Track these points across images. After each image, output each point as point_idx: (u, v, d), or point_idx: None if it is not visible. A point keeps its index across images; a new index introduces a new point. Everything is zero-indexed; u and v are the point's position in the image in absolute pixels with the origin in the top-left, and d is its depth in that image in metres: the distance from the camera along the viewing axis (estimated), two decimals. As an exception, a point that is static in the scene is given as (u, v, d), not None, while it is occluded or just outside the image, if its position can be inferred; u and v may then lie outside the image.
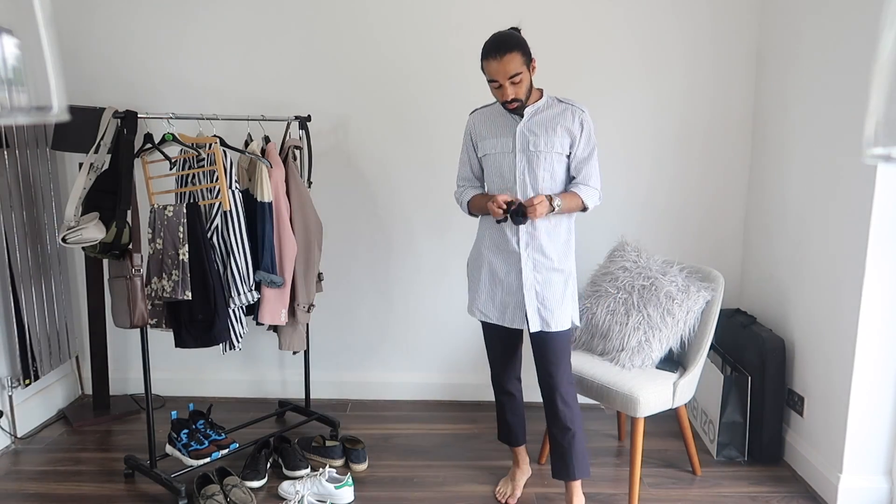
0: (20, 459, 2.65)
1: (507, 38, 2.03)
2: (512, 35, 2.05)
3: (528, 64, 2.05)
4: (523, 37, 2.07)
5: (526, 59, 2.04)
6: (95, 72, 3.03)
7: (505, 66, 2.01)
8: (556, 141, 2.12)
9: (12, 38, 0.55)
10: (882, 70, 0.57)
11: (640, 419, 2.28)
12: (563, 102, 2.16)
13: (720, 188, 3.10)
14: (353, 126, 3.08)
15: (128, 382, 3.28)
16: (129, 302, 2.24)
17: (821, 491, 2.43)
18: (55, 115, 0.58)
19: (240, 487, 2.32)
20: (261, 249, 2.50)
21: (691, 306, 2.40)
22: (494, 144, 2.19)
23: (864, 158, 0.61)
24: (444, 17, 2.99)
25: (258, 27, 3.00)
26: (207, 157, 2.39)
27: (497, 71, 2.02)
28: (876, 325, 2.23)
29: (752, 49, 2.99)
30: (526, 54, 2.04)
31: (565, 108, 2.15)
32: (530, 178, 2.13)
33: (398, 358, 3.28)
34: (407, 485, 2.50)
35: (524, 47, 2.04)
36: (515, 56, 2.00)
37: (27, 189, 2.81)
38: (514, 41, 2.02)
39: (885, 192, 2.14)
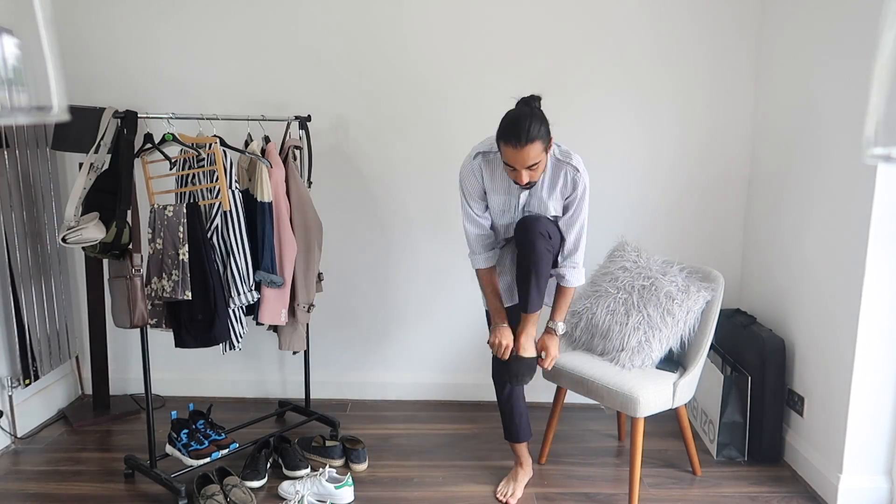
0: (20, 459, 2.65)
1: (529, 126, 1.90)
2: (534, 119, 1.92)
3: (546, 149, 1.97)
4: (543, 114, 1.97)
5: (545, 144, 1.95)
6: (95, 72, 3.03)
7: (524, 156, 1.92)
8: (551, 204, 2.16)
9: (12, 38, 0.55)
10: (882, 70, 0.57)
11: (640, 419, 2.28)
12: (560, 161, 2.11)
13: (720, 188, 3.10)
14: (353, 126, 3.08)
15: (128, 382, 3.28)
16: (129, 302, 2.24)
17: (821, 491, 2.43)
18: (55, 115, 0.58)
19: (240, 487, 2.32)
20: (261, 249, 2.50)
21: (691, 306, 2.40)
22: (498, 201, 2.19)
23: (864, 158, 0.61)
24: (444, 17, 2.99)
25: (258, 27, 3.00)
26: (207, 157, 2.39)
27: (515, 159, 1.94)
28: (876, 325, 2.23)
29: (752, 49, 2.99)
30: (546, 140, 1.95)
31: (565, 170, 2.11)
32: None
33: (398, 358, 3.28)
34: (407, 485, 2.50)
35: (545, 133, 1.94)
36: (536, 145, 1.91)
37: (27, 189, 2.81)
38: (535, 129, 1.91)
39: (885, 192, 2.14)
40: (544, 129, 1.95)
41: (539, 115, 1.96)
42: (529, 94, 2.04)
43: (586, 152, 3.06)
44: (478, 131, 3.05)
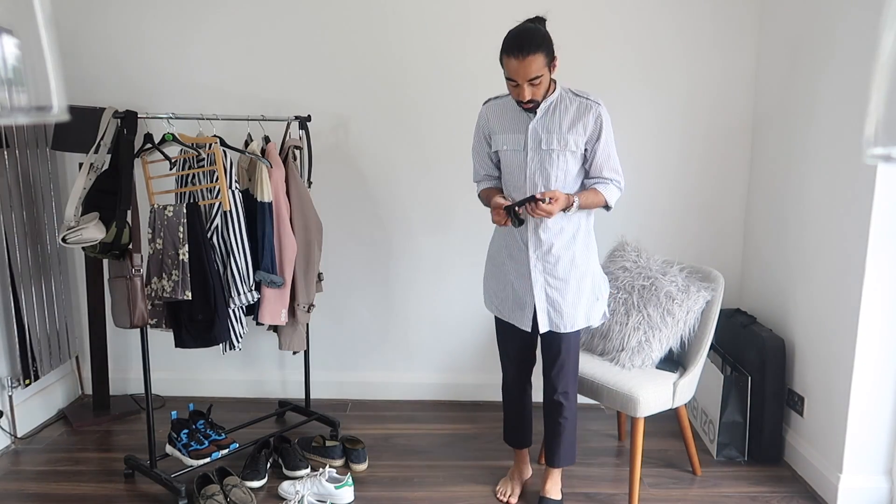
0: (20, 459, 2.65)
1: (532, 37, 1.90)
2: (537, 32, 1.92)
3: (549, 64, 1.94)
4: (547, 32, 1.95)
5: (548, 59, 1.93)
6: (95, 72, 3.03)
7: (526, 68, 1.90)
8: (570, 139, 2.05)
9: (12, 38, 0.55)
10: (882, 70, 0.57)
11: (640, 419, 2.28)
12: (579, 96, 2.07)
13: (720, 188, 3.10)
14: (353, 126, 3.08)
15: (128, 382, 3.28)
16: (129, 302, 2.24)
17: (821, 491, 2.43)
18: (55, 115, 0.58)
19: (240, 487, 2.32)
20: (261, 249, 2.50)
21: (691, 306, 2.40)
22: (507, 140, 2.12)
23: (864, 158, 0.61)
24: (444, 16, 2.99)
25: (258, 27, 3.00)
26: (207, 157, 2.39)
27: (517, 71, 1.92)
28: (876, 325, 2.23)
29: (752, 49, 2.99)
30: (549, 54, 1.93)
31: (580, 103, 2.05)
32: (542, 178, 2.08)
33: (398, 358, 3.28)
34: (407, 485, 2.50)
35: (548, 47, 1.92)
36: (538, 57, 1.89)
37: (27, 189, 2.81)
38: (538, 40, 1.90)
39: (885, 192, 2.14)
40: (548, 39, 1.93)
41: (542, 31, 1.94)
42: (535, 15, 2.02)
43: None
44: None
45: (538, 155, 2.08)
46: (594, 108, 2.05)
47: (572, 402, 2.24)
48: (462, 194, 3.12)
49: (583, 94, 2.08)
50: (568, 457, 2.32)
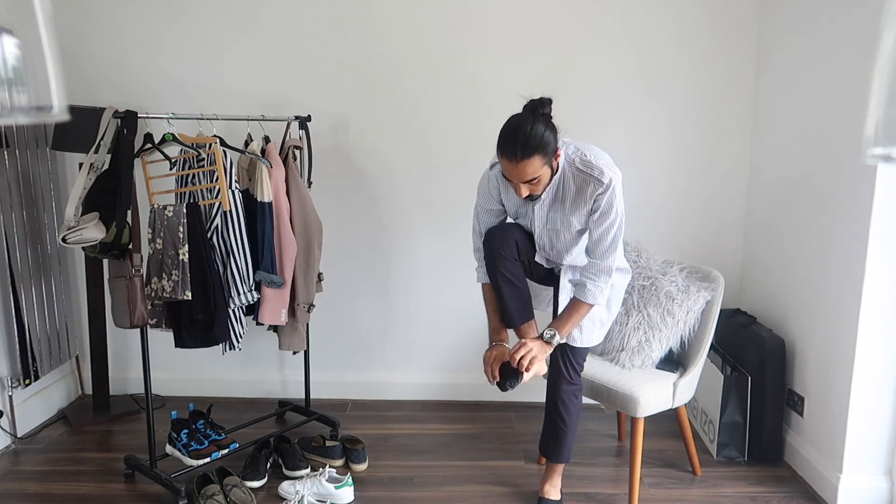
0: (20, 459, 2.65)
1: (528, 139, 1.73)
2: (535, 132, 1.74)
3: (550, 162, 1.80)
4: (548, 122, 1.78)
5: (547, 158, 1.77)
6: (95, 72, 3.03)
7: (521, 171, 1.77)
8: (573, 220, 1.95)
9: (12, 38, 0.55)
10: (882, 70, 0.57)
11: (640, 419, 2.28)
12: (582, 172, 1.89)
13: (720, 188, 3.10)
14: (353, 126, 3.08)
15: (128, 382, 3.28)
16: (129, 302, 2.24)
17: (821, 491, 2.43)
18: (55, 115, 0.58)
19: (240, 487, 2.32)
20: (261, 249, 2.50)
21: (691, 306, 2.40)
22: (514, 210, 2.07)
23: (864, 158, 0.61)
24: (444, 16, 2.99)
25: (258, 27, 3.00)
26: (207, 157, 2.39)
27: (511, 173, 1.80)
28: (876, 325, 2.23)
29: (752, 49, 2.99)
30: (548, 153, 1.77)
31: (583, 180, 1.89)
32: (551, 248, 2.08)
33: (398, 358, 3.28)
34: (407, 485, 2.50)
35: (545, 147, 1.75)
36: (534, 160, 1.74)
37: (27, 189, 2.81)
38: (534, 142, 1.73)
39: (885, 192, 2.14)
40: (547, 140, 1.76)
41: (541, 126, 1.76)
42: (539, 97, 1.83)
43: (586, 152, 3.06)
44: (478, 130, 3.06)
45: (545, 231, 2.05)
46: (594, 184, 1.88)
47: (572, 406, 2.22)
48: (462, 194, 3.12)
49: (588, 168, 1.89)
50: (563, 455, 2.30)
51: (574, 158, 1.92)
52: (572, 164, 1.91)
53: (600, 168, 1.88)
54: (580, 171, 1.89)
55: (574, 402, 2.23)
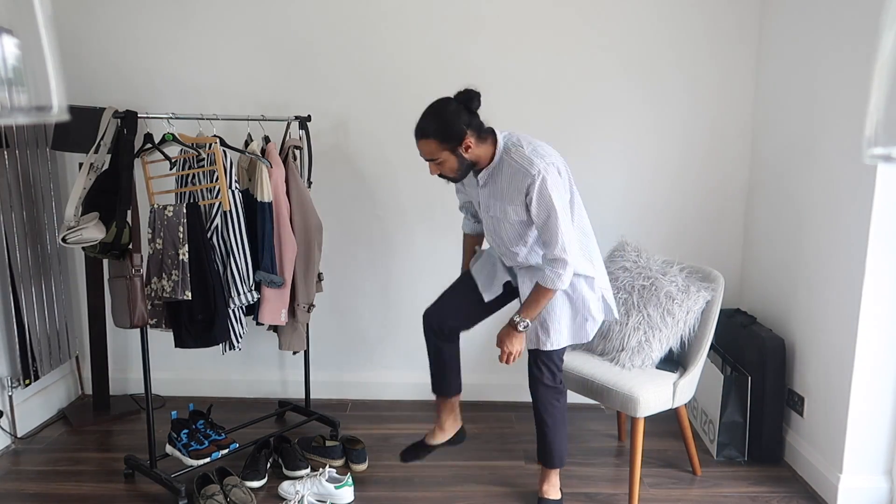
0: (20, 459, 2.65)
1: (427, 123, 1.94)
2: (437, 118, 1.93)
3: (453, 148, 1.94)
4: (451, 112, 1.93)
5: (449, 144, 1.93)
6: (95, 72, 3.03)
7: (421, 149, 1.98)
8: (509, 209, 2.02)
9: (12, 38, 0.55)
10: (882, 70, 0.57)
11: (640, 419, 2.28)
12: (516, 163, 1.97)
13: (720, 188, 3.10)
14: (353, 126, 3.08)
15: (128, 382, 3.28)
16: (129, 302, 2.24)
17: (821, 491, 2.43)
18: (55, 115, 0.58)
19: (240, 487, 2.32)
20: (261, 249, 2.50)
21: (691, 306, 2.40)
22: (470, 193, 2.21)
23: (864, 158, 0.61)
24: (444, 16, 2.99)
25: (258, 27, 3.00)
26: (207, 157, 2.39)
27: (418, 150, 2.00)
28: (876, 325, 2.23)
29: (752, 49, 2.99)
30: (449, 140, 1.92)
31: (515, 171, 1.97)
32: (497, 239, 2.17)
33: (398, 358, 3.28)
34: (407, 485, 2.50)
35: (446, 133, 1.92)
36: (429, 143, 1.94)
37: (27, 189, 2.81)
38: (431, 127, 1.92)
39: (885, 192, 2.14)
40: (446, 127, 1.92)
41: (449, 113, 1.93)
42: (468, 89, 1.98)
43: (586, 153, 3.06)
44: (478, 131, 3.05)
45: (488, 218, 2.14)
46: (523, 175, 1.95)
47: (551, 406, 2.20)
48: (462, 194, 3.12)
49: (519, 160, 1.97)
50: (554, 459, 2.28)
51: (511, 149, 2.01)
52: (508, 154, 2.00)
53: (530, 159, 1.95)
54: (513, 161, 1.98)
55: (556, 405, 2.21)
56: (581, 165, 3.07)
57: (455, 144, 1.94)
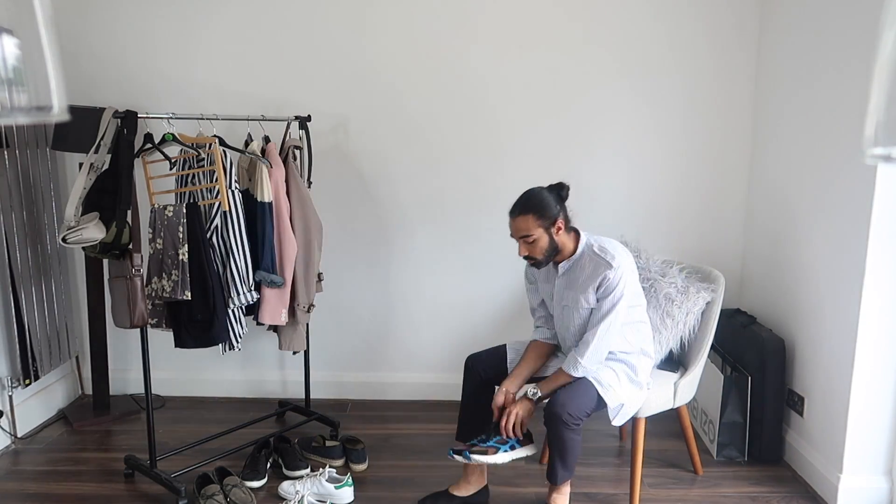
0: (20, 459, 2.65)
1: (528, 200, 2.08)
2: (535, 197, 2.08)
3: (545, 226, 2.07)
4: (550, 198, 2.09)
5: (543, 221, 2.06)
6: (95, 72, 3.03)
7: (516, 225, 2.09)
8: (581, 298, 2.14)
9: (12, 38, 0.55)
10: (882, 70, 0.57)
11: (640, 419, 2.28)
12: (598, 256, 2.13)
13: (720, 188, 3.10)
14: (353, 126, 3.08)
15: (128, 382, 3.28)
16: (129, 302, 2.24)
17: (821, 491, 2.43)
18: (55, 115, 0.58)
19: (240, 487, 2.32)
20: (261, 249, 2.50)
21: (690, 308, 2.40)
22: (543, 289, 2.31)
23: (864, 158, 0.61)
24: (444, 17, 2.99)
25: (258, 27, 3.00)
26: (207, 157, 2.39)
27: (511, 227, 2.11)
28: (876, 325, 2.23)
29: (752, 49, 2.99)
30: (544, 217, 2.06)
31: (598, 264, 2.12)
32: (565, 331, 2.25)
33: (398, 358, 3.28)
34: (407, 485, 2.50)
35: (543, 210, 2.06)
36: (528, 219, 2.06)
37: (27, 189, 2.81)
38: (532, 204, 2.07)
39: (885, 192, 2.14)
40: (544, 205, 2.07)
41: (546, 195, 2.09)
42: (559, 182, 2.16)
43: (586, 153, 3.06)
44: (478, 129, 3.06)
45: (561, 309, 2.24)
46: (604, 266, 2.10)
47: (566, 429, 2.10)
48: (462, 194, 3.12)
49: (603, 252, 2.13)
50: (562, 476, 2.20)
51: (593, 244, 2.17)
52: (590, 249, 2.16)
53: (612, 254, 2.12)
54: (595, 254, 2.14)
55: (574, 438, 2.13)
56: (581, 166, 3.07)
57: (549, 224, 2.08)
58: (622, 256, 2.12)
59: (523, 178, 3.08)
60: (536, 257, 2.12)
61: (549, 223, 2.08)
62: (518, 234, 2.09)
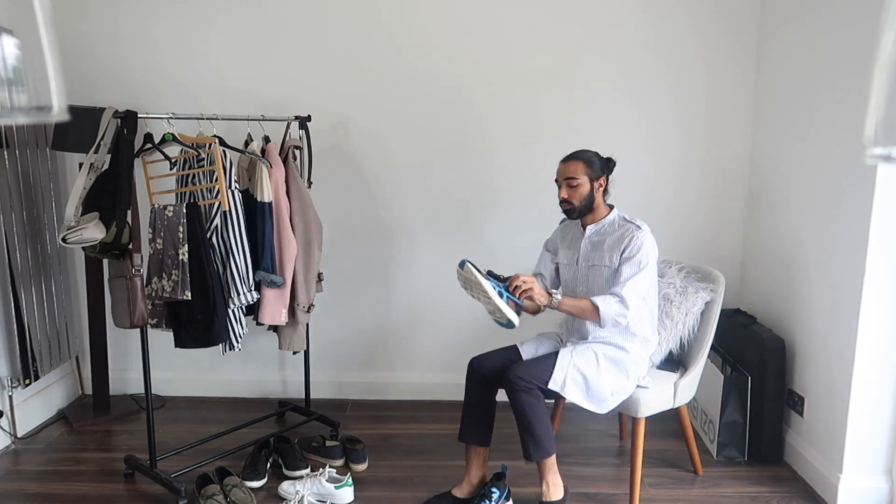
0: (20, 459, 2.65)
1: (583, 151, 2.28)
2: (589, 151, 2.28)
3: (591, 177, 2.25)
4: (603, 159, 2.28)
5: (590, 171, 2.24)
6: (95, 72, 3.03)
7: (566, 168, 2.26)
8: (607, 256, 2.24)
9: (12, 38, 0.55)
10: (882, 70, 0.57)
11: (640, 419, 2.28)
12: (627, 222, 2.26)
13: (720, 188, 3.10)
14: (353, 126, 3.08)
15: (128, 382, 3.28)
16: (129, 302, 2.24)
17: (821, 491, 2.43)
18: (55, 115, 0.58)
19: (240, 487, 2.32)
20: (261, 249, 2.50)
21: (689, 308, 2.40)
22: (565, 255, 2.38)
23: (864, 158, 0.61)
24: (444, 17, 2.99)
25: (258, 27, 3.00)
26: (207, 157, 2.39)
27: (560, 170, 2.28)
28: (876, 325, 2.23)
29: (752, 49, 2.99)
30: (592, 168, 2.25)
31: (626, 230, 2.23)
32: (586, 288, 2.29)
33: (398, 358, 3.28)
34: (407, 485, 2.50)
35: (593, 163, 2.25)
36: (578, 164, 2.24)
37: (27, 189, 2.81)
38: (586, 155, 2.27)
39: (885, 192, 2.14)
40: (594, 160, 2.26)
41: (596, 154, 2.29)
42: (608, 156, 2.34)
43: (586, 152, 3.06)
44: (478, 129, 3.06)
45: (586, 267, 2.30)
46: (632, 231, 2.21)
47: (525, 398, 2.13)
48: (462, 194, 3.12)
49: (633, 219, 2.27)
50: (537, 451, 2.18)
51: (623, 215, 2.31)
52: (621, 217, 2.31)
53: (640, 225, 2.26)
54: (625, 220, 2.28)
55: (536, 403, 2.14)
56: (581, 165, 3.07)
57: (596, 175, 2.26)
58: (649, 230, 2.24)
59: (523, 178, 3.10)
60: (573, 202, 2.25)
61: (595, 176, 2.25)
62: (565, 175, 2.25)
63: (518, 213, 3.12)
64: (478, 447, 2.36)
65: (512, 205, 3.12)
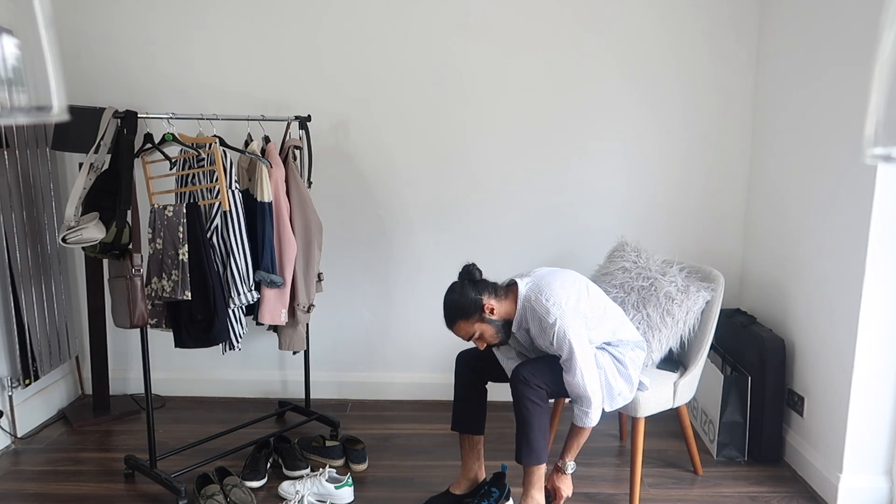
0: (20, 459, 2.65)
1: (449, 310, 2.09)
2: (453, 304, 2.08)
3: (478, 318, 2.08)
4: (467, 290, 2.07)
5: (475, 316, 2.07)
6: (95, 72, 3.03)
7: (457, 333, 2.12)
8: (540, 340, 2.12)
9: (12, 38, 0.55)
10: (882, 70, 0.57)
11: (640, 419, 2.28)
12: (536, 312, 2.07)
13: (720, 188, 3.10)
14: (353, 126, 3.08)
15: (128, 382, 3.28)
16: (129, 302, 2.24)
17: (821, 491, 2.43)
18: (55, 115, 0.58)
19: (240, 487, 2.32)
20: (261, 249, 2.50)
21: (691, 306, 2.40)
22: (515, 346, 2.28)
23: (864, 158, 0.61)
24: (444, 17, 2.99)
25: (258, 27, 3.00)
26: (207, 157, 2.39)
27: (457, 335, 2.13)
28: (876, 325, 2.23)
29: (752, 49, 2.99)
30: (472, 314, 2.07)
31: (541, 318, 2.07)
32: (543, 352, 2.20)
33: (398, 358, 3.28)
34: (407, 485, 2.50)
35: (467, 310, 2.06)
36: (460, 325, 2.09)
37: (27, 189, 2.81)
38: (455, 312, 2.08)
39: (885, 192, 2.14)
40: (464, 307, 2.07)
41: (457, 298, 2.08)
42: (465, 266, 2.16)
43: (586, 153, 3.06)
44: (477, 129, 3.06)
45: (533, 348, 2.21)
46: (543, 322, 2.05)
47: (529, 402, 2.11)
48: (462, 194, 3.12)
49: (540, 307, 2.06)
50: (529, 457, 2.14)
51: (530, 296, 2.10)
52: (528, 302, 2.10)
53: (547, 308, 2.06)
54: (535, 310, 2.08)
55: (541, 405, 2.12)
56: (581, 166, 3.07)
57: (478, 311, 2.08)
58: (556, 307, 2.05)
59: (523, 178, 3.10)
60: (496, 341, 2.14)
61: (479, 313, 2.08)
62: (464, 338, 2.12)
63: (518, 214, 3.12)
64: (471, 436, 2.35)
65: (512, 205, 3.12)
